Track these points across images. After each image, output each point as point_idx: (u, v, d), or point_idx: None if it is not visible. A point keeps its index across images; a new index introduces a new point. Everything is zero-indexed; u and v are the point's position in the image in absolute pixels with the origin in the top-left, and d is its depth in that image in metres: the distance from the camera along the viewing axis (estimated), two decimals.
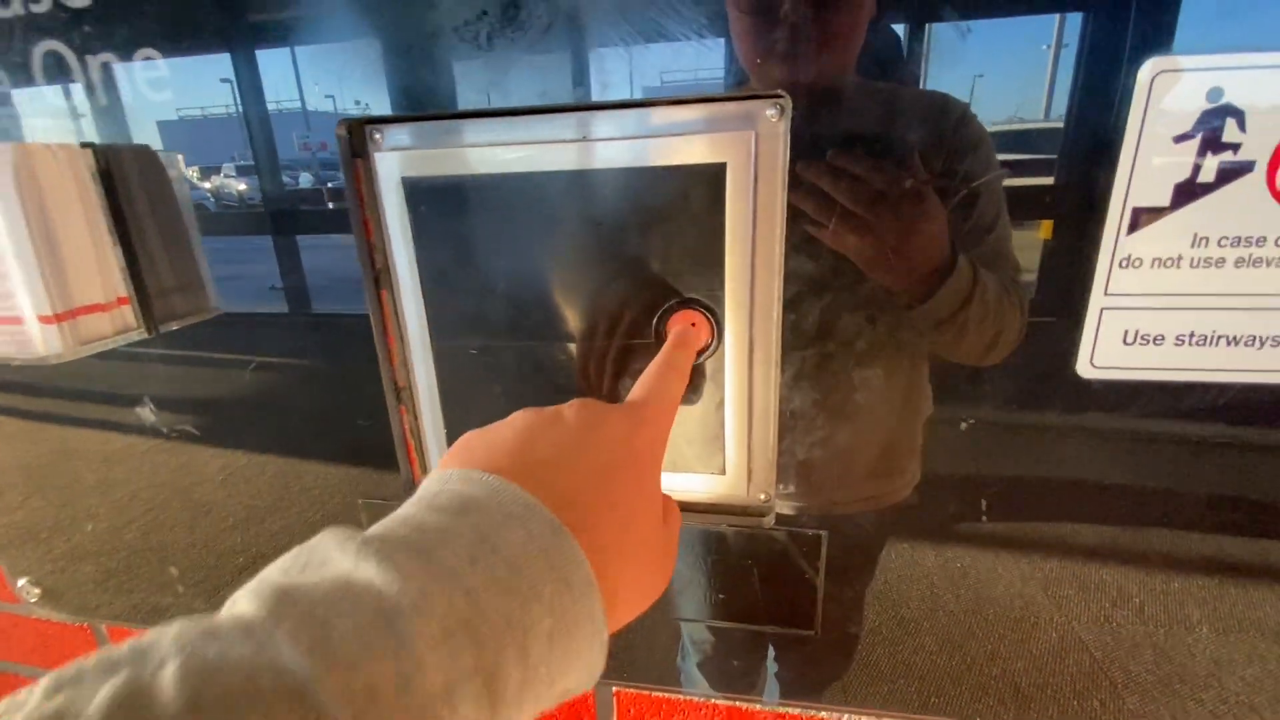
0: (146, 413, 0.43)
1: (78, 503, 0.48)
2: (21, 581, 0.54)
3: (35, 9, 0.35)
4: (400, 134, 0.34)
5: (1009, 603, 0.36)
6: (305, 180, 0.40)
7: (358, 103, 0.36)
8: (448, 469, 0.21)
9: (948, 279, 0.29)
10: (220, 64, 0.36)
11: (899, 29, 0.29)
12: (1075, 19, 0.27)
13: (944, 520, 0.35)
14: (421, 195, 0.35)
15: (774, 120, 0.30)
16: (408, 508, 0.19)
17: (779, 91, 0.29)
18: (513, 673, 0.17)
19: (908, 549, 0.37)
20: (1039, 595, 0.36)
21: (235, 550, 0.46)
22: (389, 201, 0.35)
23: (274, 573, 0.17)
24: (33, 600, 0.54)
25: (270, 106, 0.37)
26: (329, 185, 0.39)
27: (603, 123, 0.32)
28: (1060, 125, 0.28)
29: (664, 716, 0.46)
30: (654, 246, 0.33)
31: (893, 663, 0.39)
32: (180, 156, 0.41)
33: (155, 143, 0.39)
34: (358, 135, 0.34)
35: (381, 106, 0.36)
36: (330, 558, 0.17)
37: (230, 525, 0.46)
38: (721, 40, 0.31)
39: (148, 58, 0.35)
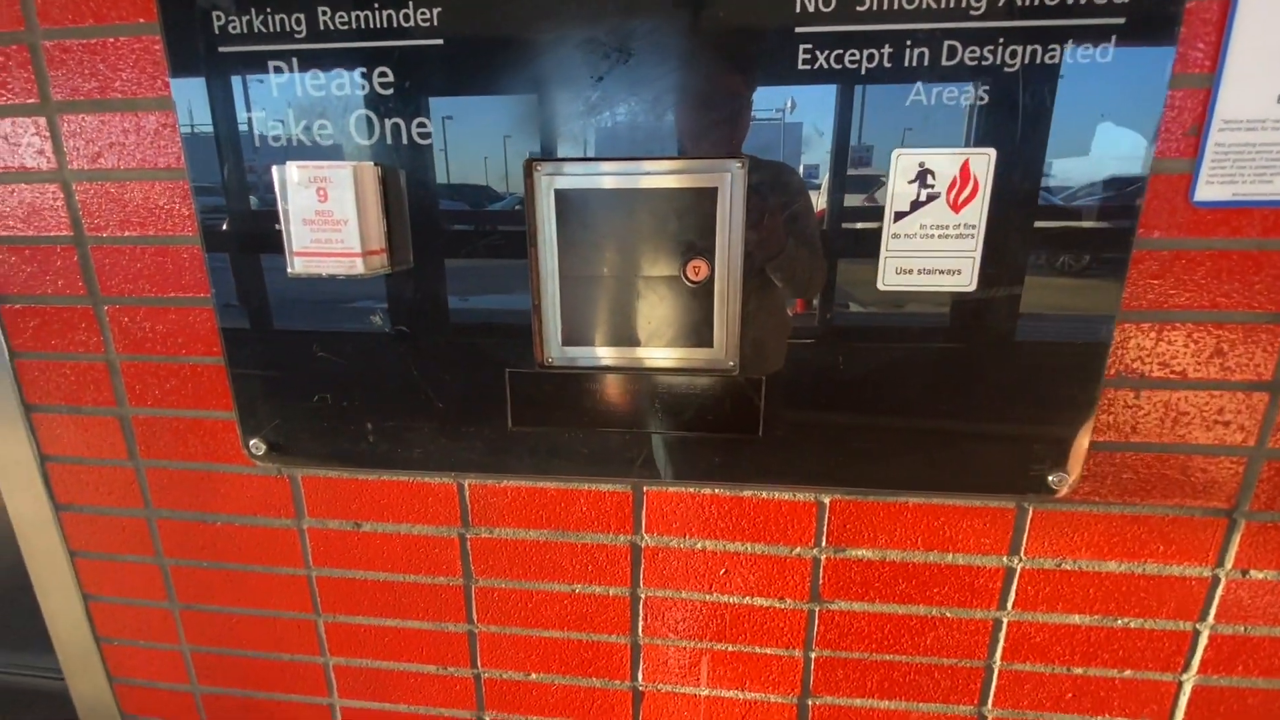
0: (378, 318, 0.74)
1: (312, 378, 0.78)
2: (253, 440, 0.83)
3: (357, 93, 0.67)
4: (550, 165, 0.68)
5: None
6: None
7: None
8: None
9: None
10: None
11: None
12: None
13: (832, 365, 0.70)
14: (562, 196, 0.68)
15: (739, 167, 0.65)
16: None
17: (744, 156, 0.64)
18: None
19: (804, 388, 0.71)
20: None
21: (421, 402, 0.77)
22: (543, 199, 0.68)
23: None
24: (259, 454, 0.83)
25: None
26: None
27: (659, 164, 0.66)
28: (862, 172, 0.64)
29: (676, 502, 0.79)
30: (681, 226, 0.67)
31: (798, 453, 0.73)
32: (403, 173, 0.72)
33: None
34: (528, 166, 0.68)
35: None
36: None
37: (416, 387, 0.76)
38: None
39: (421, 124, 0.67)
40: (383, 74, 0.67)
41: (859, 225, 0.66)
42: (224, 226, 0.75)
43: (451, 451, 0.79)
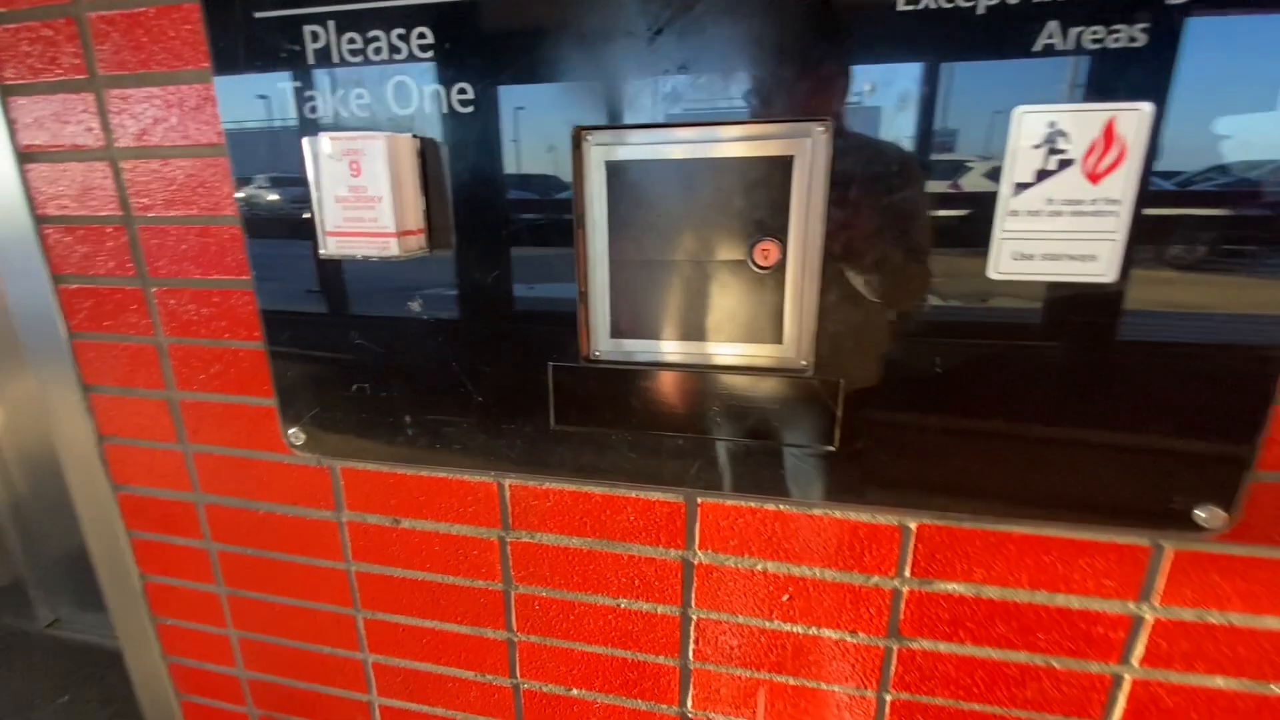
0: (416, 305, 0.69)
1: (351, 367, 0.74)
2: (292, 429, 0.80)
3: (394, 57, 0.61)
4: (601, 135, 0.60)
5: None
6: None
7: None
8: None
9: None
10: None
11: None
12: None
13: (925, 368, 0.60)
14: (614, 170, 0.60)
15: (821, 133, 0.55)
16: None
17: (826, 117, 0.54)
18: None
19: (889, 394, 0.61)
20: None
21: (459, 394, 0.71)
22: (592, 173, 0.61)
23: None
24: (298, 444, 0.80)
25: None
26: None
27: (725, 130, 0.57)
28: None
29: (734, 517, 0.71)
30: (748, 202, 0.58)
31: (880, 468, 0.63)
32: (446, 148, 0.66)
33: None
34: (576, 136, 0.60)
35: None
36: None
37: (455, 382, 0.71)
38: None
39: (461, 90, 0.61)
40: (421, 35, 0.61)
41: (966, 206, 0.55)
42: (262, 205, 0.71)
43: (491, 448, 0.73)
